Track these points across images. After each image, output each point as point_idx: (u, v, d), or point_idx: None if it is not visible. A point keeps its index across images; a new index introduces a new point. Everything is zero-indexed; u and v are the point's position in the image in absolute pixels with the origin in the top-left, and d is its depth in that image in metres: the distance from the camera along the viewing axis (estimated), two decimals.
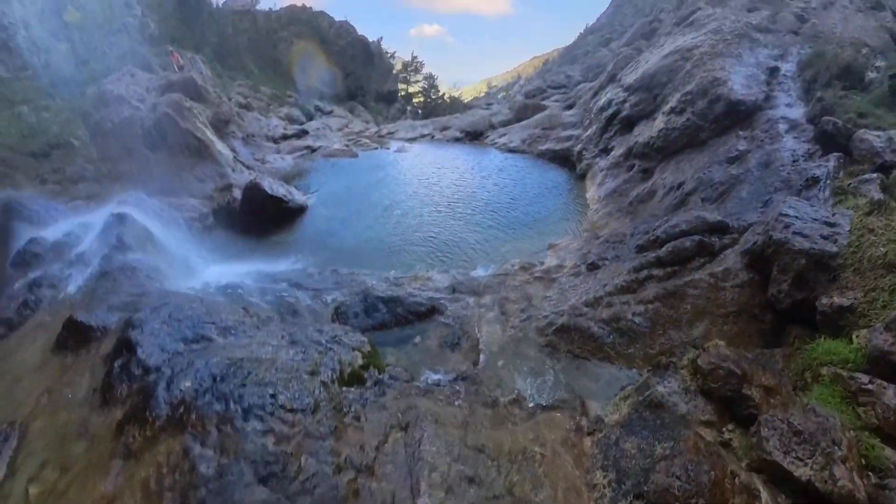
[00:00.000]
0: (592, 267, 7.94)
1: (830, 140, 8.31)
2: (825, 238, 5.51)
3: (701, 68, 12.33)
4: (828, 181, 7.32)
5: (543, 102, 24.33)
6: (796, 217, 5.84)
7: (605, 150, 14.51)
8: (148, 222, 9.06)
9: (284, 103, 30.50)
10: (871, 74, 10.52)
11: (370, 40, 44.06)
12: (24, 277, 7.08)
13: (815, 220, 5.80)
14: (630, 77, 14.86)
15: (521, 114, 23.63)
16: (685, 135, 11.44)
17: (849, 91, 9.95)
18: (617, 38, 35.87)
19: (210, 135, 17.41)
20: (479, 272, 8.91)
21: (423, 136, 24.56)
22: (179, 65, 22.69)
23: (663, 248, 7.20)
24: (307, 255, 10.64)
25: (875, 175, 6.83)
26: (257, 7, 38.95)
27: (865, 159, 7.45)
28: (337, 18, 43.09)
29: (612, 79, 17.06)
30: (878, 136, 7.62)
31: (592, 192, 13.39)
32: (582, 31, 52.05)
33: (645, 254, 7.45)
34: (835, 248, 5.33)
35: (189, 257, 9.25)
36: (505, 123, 23.65)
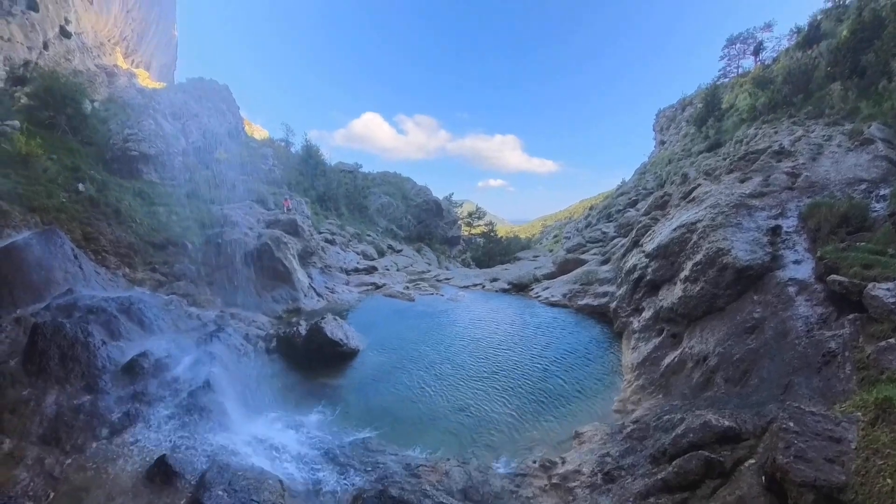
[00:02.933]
0: (608, 478, 7.09)
1: (842, 299, 7.49)
2: (831, 462, 4.73)
3: (705, 240, 12.27)
4: (846, 353, 6.45)
5: (583, 257, 24.89)
6: (797, 433, 5.08)
7: (637, 310, 14.16)
8: (227, 356, 9.68)
9: (363, 240, 33.83)
10: (877, 206, 9.74)
11: (442, 197, 50.33)
12: (130, 386, 7.63)
13: (818, 434, 5.03)
14: (649, 245, 14.99)
15: (563, 267, 23.90)
16: (703, 302, 10.97)
17: (854, 236, 9.06)
18: (642, 199, 38.06)
19: (295, 264, 19.30)
20: (499, 468, 8.19)
21: (475, 285, 25.39)
22: (288, 207, 26.70)
23: (670, 467, 6.36)
24: (348, 408, 10.60)
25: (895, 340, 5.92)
26: (360, 169, 47.03)
27: (883, 317, 6.56)
28: (420, 181, 50.27)
29: (635, 244, 17.27)
30: (889, 291, 6.77)
31: (627, 357, 12.67)
32: (615, 191, 56.03)
33: (654, 470, 6.68)
34: (842, 478, 4.54)
35: (248, 399, 9.47)
36: (548, 276, 23.89)
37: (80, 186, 16.50)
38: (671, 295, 12.37)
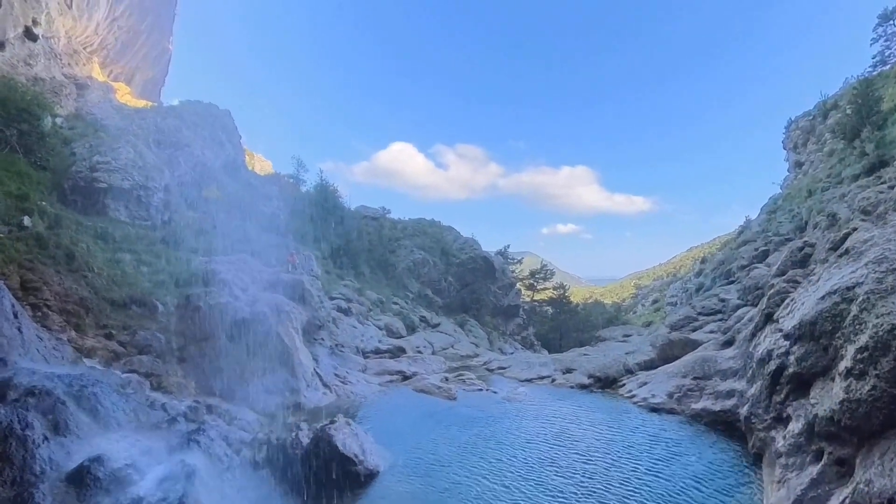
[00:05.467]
0: None
1: None
2: None
3: (871, 313, 10.91)
4: None
5: (694, 336, 24.38)
6: None
7: (780, 420, 13.05)
8: (208, 470, 9.33)
9: (387, 310, 33.91)
10: None
11: (494, 251, 50.63)
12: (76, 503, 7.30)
13: None
14: (788, 321, 14.12)
15: (666, 352, 23.31)
16: (879, 410, 9.46)
17: None
18: (774, 249, 36.21)
19: (297, 341, 19.28)
20: None
21: (540, 377, 24.79)
22: (293, 264, 27.54)
23: None
24: None
25: None
26: (387, 215, 48.47)
27: None
28: (464, 229, 50.94)
29: (767, 318, 16.35)
30: None
31: (772, 496, 11.40)
32: (734, 237, 54.08)
33: None
34: None
35: None
36: (646, 366, 23.21)
37: (26, 220, 17.55)
38: (828, 397, 11.31)
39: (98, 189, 23.65)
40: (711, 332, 24.82)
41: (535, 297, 54.94)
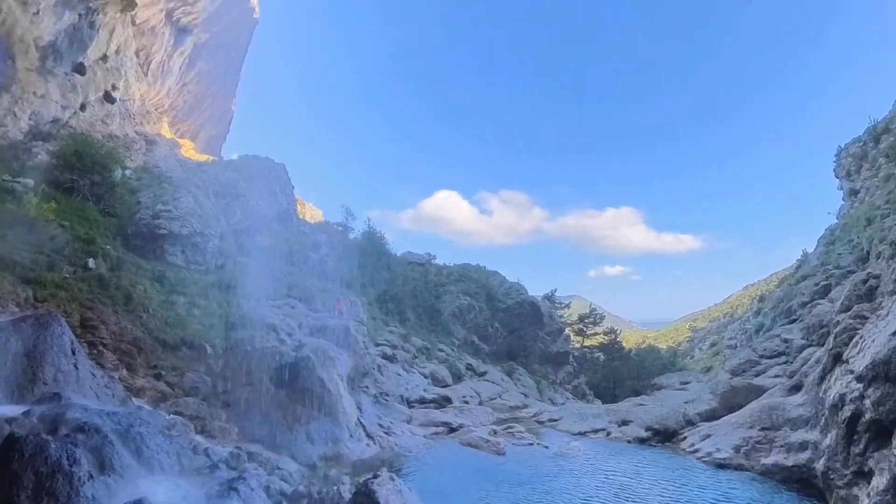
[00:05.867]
0: None
1: None
2: None
3: None
4: None
5: (757, 381, 23.42)
6: None
7: (861, 474, 12.08)
8: None
9: (432, 357, 33.51)
10: None
11: (541, 296, 49.98)
12: None
13: None
14: (858, 361, 13.30)
15: (728, 400, 22.71)
16: None
17: None
18: (836, 283, 34.29)
19: (342, 389, 19.09)
20: None
21: (594, 430, 24.00)
22: (341, 310, 27.81)
23: None
24: None
25: None
26: (433, 261, 48.83)
27: None
28: (510, 274, 50.46)
29: (836, 359, 15.51)
30: None
31: None
32: (793, 272, 51.61)
33: None
34: None
35: None
36: (708, 416, 22.48)
37: (91, 262, 18.46)
38: None
39: (158, 235, 24.76)
40: (776, 376, 23.57)
41: (585, 343, 53.31)
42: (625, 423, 24.11)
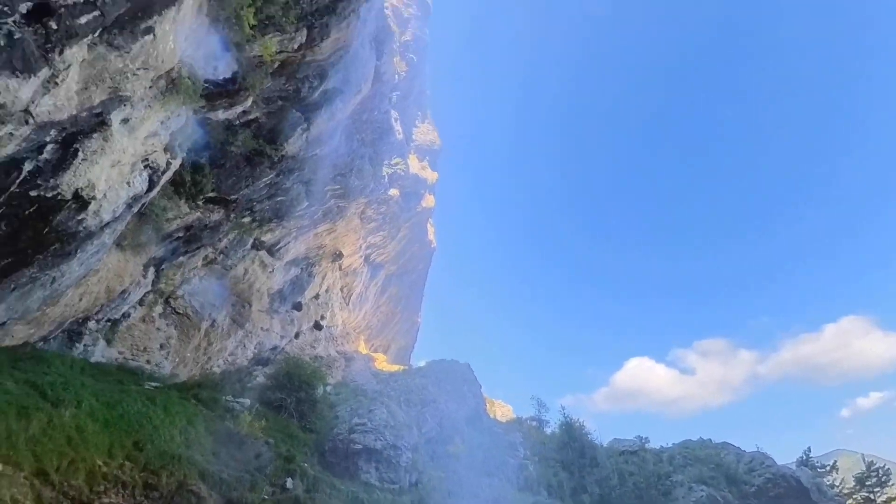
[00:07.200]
0: None
1: None
2: None
3: None
4: None
5: None
6: None
7: None
8: None
9: None
10: None
11: (794, 460, 40.94)
12: None
13: None
14: None
15: None
16: None
17: None
18: None
19: None
20: None
21: None
22: None
23: None
24: None
25: None
26: (647, 445, 40.81)
27: None
28: (737, 440, 40.23)
29: None
30: None
31: None
32: None
33: None
34: None
35: None
36: None
37: (289, 482, 17.99)
38: None
39: (353, 451, 24.35)
40: None
41: None
42: None
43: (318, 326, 37.53)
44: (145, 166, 13.93)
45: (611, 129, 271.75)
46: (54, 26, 8.34)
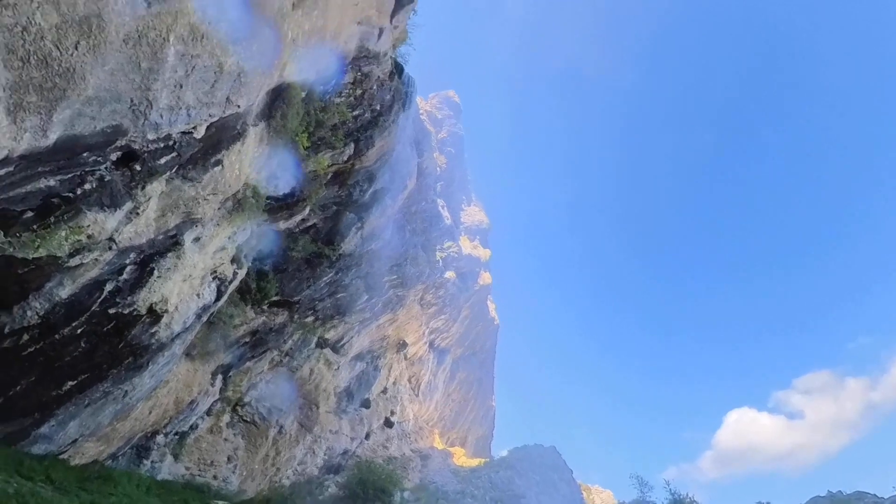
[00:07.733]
0: None
1: None
2: None
3: None
4: None
5: None
6: None
7: None
8: None
9: None
10: None
11: None
12: None
13: None
14: None
15: None
16: None
17: None
18: None
19: None
20: None
21: None
22: None
23: None
24: None
25: None
26: None
27: None
28: (869, 487, 33.98)
29: None
30: None
31: None
32: None
33: None
34: None
35: None
36: None
37: None
38: None
39: None
40: None
41: None
42: None
43: (388, 423, 36.85)
44: (213, 278, 14.85)
45: (654, 166, 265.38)
46: (138, 168, 9.43)
